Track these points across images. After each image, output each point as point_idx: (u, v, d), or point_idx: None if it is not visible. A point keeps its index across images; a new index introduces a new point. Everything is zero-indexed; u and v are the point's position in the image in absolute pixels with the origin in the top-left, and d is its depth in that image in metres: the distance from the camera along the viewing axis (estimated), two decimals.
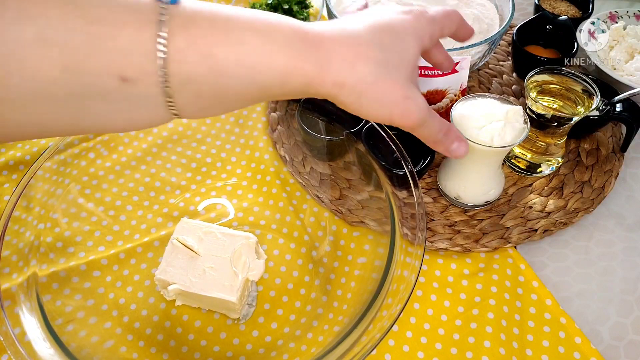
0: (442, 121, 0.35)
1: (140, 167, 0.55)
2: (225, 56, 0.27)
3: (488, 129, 0.45)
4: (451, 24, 0.36)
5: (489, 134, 0.44)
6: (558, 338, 0.44)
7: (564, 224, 0.51)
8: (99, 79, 0.25)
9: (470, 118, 0.45)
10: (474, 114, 0.45)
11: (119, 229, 0.50)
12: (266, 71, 0.28)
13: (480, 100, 0.47)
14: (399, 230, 0.43)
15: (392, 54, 0.31)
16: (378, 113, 0.32)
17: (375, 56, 0.30)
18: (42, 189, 0.46)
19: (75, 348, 0.39)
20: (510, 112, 0.45)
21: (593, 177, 0.55)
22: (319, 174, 0.55)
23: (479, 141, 0.44)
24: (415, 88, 0.33)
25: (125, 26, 0.25)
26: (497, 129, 0.44)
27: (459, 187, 0.51)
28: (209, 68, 0.27)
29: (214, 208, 0.54)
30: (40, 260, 0.44)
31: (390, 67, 0.31)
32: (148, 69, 0.26)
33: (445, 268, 0.49)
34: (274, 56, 0.28)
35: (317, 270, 0.48)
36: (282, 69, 0.28)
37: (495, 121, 0.45)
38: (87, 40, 0.25)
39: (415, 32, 0.33)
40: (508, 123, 0.45)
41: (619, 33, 0.66)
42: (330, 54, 0.29)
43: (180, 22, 0.26)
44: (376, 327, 0.37)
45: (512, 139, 0.44)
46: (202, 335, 0.44)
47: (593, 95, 0.49)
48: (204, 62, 0.27)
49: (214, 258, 0.45)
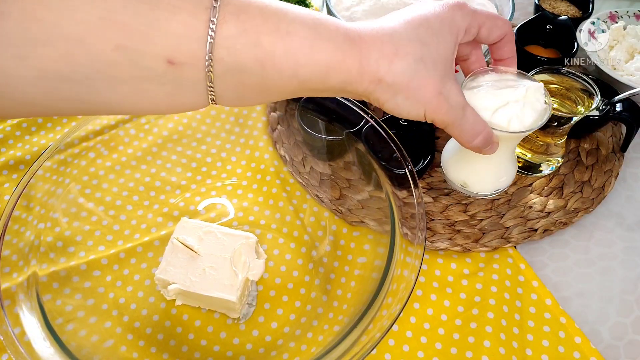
0: (476, 122, 0.34)
1: (141, 166, 0.55)
2: (273, 46, 0.27)
3: (504, 110, 0.38)
4: (494, 27, 0.34)
5: (506, 117, 0.37)
6: (558, 338, 0.44)
7: (564, 224, 0.51)
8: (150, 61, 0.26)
9: (482, 98, 0.38)
10: (487, 94, 0.38)
11: (119, 228, 0.50)
12: (309, 64, 0.28)
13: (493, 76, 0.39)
14: (399, 230, 0.43)
15: (429, 49, 0.31)
16: (411, 110, 0.32)
17: (414, 52, 0.30)
18: (42, 188, 0.46)
19: (76, 347, 0.39)
20: (530, 91, 0.38)
21: (593, 177, 0.55)
22: (319, 174, 0.55)
23: (494, 125, 0.37)
24: (451, 84, 0.32)
25: (180, 11, 0.26)
26: (515, 111, 0.37)
27: (467, 174, 0.44)
28: (255, 57, 0.27)
29: (214, 208, 0.54)
30: (41, 260, 0.44)
31: (428, 62, 0.31)
32: (197, 54, 0.26)
33: (445, 268, 0.49)
34: (318, 50, 0.28)
35: (317, 269, 0.48)
36: (325, 62, 0.29)
37: (512, 102, 0.38)
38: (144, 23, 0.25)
39: (451, 24, 0.32)
40: (527, 103, 0.38)
41: (619, 33, 0.66)
42: (370, 51, 0.29)
43: (232, 9, 0.27)
44: (376, 327, 0.37)
45: (532, 121, 0.37)
46: (202, 334, 0.45)
47: (593, 95, 0.49)
48: (251, 50, 0.27)
49: (214, 258, 0.45)
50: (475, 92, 0.38)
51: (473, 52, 0.38)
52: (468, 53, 0.38)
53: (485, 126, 0.35)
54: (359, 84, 0.30)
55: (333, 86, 0.30)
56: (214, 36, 0.26)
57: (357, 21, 0.31)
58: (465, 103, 0.33)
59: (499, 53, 0.38)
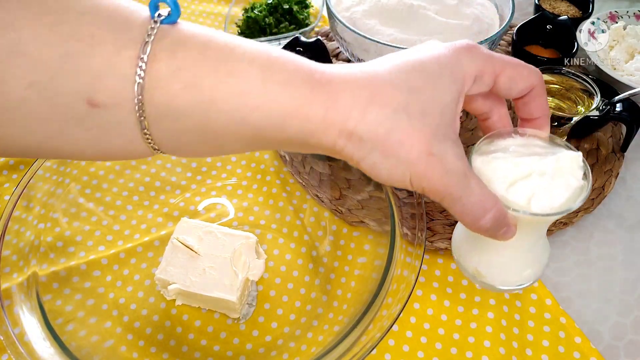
0: (483, 197, 0.26)
1: (141, 166, 0.55)
2: (214, 88, 0.23)
3: (525, 184, 0.28)
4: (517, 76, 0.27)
5: (526, 193, 0.28)
6: (558, 338, 0.44)
7: (564, 224, 0.51)
8: (69, 101, 0.23)
9: (497, 167, 0.28)
10: (503, 161, 0.29)
11: (119, 228, 0.50)
12: (261, 110, 0.24)
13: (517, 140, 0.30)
14: (399, 230, 0.43)
15: (418, 98, 0.25)
16: (393, 173, 0.25)
17: (396, 99, 0.24)
18: (42, 188, 0.46)
19: (76, 347, 0.39)
20: (564, 161, 0.28)
21: (593, 177, 0.55)
22: (318, 174, 0.55)
23: (509, 203, 0.28)
24: (450, 144, 0.25)
25: (100, 43, 0.22)
26: (540, 186, 0.28)
27: (478, 262, 0.34)
28: (193, 100, 0.23)
29: (214, 208, 0.54)
30: (41, 260, 0.44)
31: (414, 113, 0.24)
32: (123, 95, 0.23)
33: (445, 268, 0.49)
34: (271, 93, 0.24)
35: (317, 269, 0.48)
36: (279, 108, 0.24)
37: (536, 174, 0.28)
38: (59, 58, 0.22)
39: (454, 69, 0.26)
40: (558, 177, 0.28)
41: (619, 33, 0.66)
42: (339, 96, 0.24)
43: (167, 45, 0.23)
44: (376, 327, 0.37)
45: (563, 202, 0.28)
46: (202, 334, 0.45)
47: (593, 95, 0.49)
48: (187, 92, 0.23)
49: (214, 258, 0.45)
50: (489, 159, 0.29)
51: (495, 109, 0.30)
52: (488, 111, 0.30)
53: (496, 202, 0.26)
54: (325, 136, 0.25)
55: (293, 137, 0.25)
56: (144, 76, 0.22)
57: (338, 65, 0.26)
58: (467, 170, 0.26)
59: (526, 110, 0.30)
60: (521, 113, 0.30)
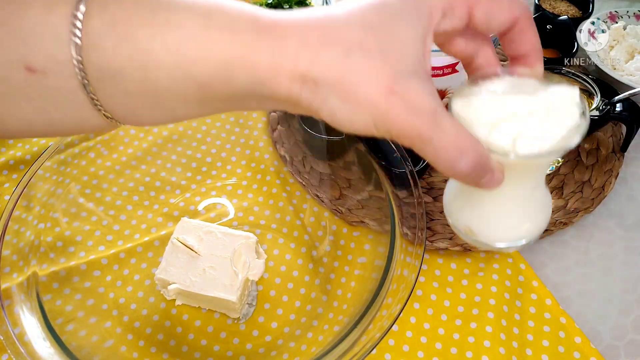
0: (460, 138, 0.23)
1: (141, 166, 0.55)
2: (149, 40, 0.21)
3: (510, 125, 0.25)
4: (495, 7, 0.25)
5: (511, 134, 0.24)
6: (558, 338, 0.44)
7: (564, 224, 0.51)
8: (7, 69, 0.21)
9: (480, 108, 0.25)
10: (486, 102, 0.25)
11: (119, 228, 0.50)
12: (202, 61, 0.22)
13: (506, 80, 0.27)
14: (399, 229, 0.43)
15: (375, 35, 0.22)
16: (354, 118, 0.23)
17: (350, 38, 0.22)
18: (42, 188, 0.46)
19: (76, 347, 0.39)
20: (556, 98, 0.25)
21: (593, 177, 0.55)
22: (318, 174, 0.55)
23: (491, 145, 0.24)
24: (415, 81, 0.22)
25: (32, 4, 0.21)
26: (528, 126, 0.24)
27: (470, 217, 0.30)
28: (130, 56, 0.21)
29: (214, 208, 0.54)
30: (41, 260, 0.44)
31: (372, 51, 0.22)
32: (59, 57, 0.21)
33: (445, 268, 0.49)
34: (212, 42, 0.22)
35: (317, 269, 0.48)
36: (223, 58, 0.22)
37: (524, 113, 0.25)
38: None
39: (418, 3, 0.23)
40: (551, 116, 0.25)
41: (619, 33, 0.66)
42: (286, 38, 0.22)
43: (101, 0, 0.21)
44: (376, 327, 0.37)
45: (555, 142, 0.24)
46: (202, 334, 0.45)
47: (593, 95, 0.49)
48: (122, 47, 0.21)
49: (214, 258, 0.45)
50: (469, 101, 0.25)
51: (480, 51, 0.27)
52: (471, 52, 0.27)
53: (474, 144, 0.23)
54: (277, 84, 0.22)
55: (244, 89, 0.23)
56: (80, 35, 0.21)
57: None
58: (438, 107, 0.23)
59: (512, 47, 0.27)
60: (508, 50, 0.27)
